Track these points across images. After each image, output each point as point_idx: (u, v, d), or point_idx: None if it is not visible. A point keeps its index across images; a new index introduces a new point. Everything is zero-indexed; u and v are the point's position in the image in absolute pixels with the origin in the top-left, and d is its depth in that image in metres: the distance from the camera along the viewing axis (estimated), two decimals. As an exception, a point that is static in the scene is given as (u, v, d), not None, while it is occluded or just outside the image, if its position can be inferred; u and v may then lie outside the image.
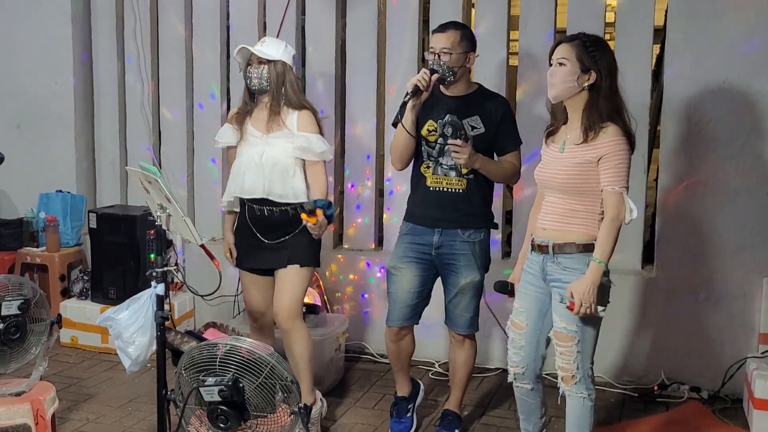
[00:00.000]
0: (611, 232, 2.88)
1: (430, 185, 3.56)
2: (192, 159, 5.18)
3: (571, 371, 2.98)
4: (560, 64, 2.92)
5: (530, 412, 3.24)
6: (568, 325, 2.94)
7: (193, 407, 2.66)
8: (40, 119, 5.34)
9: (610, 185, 2.87)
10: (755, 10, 4.00)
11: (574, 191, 2.94)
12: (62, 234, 5.16)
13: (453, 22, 3.64)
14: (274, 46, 3.64)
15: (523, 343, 3.13)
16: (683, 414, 3.98)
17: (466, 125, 3.50)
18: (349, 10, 4.79)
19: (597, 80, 2.90)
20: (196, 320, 5.05)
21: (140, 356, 3.05)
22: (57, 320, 3.50)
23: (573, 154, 2.93)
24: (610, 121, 2.90)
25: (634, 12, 4.22)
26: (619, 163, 2.87)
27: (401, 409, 3.81)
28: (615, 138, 2.88)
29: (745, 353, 4.07)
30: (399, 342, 3.71)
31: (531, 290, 3.10)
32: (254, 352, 2.60)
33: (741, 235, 4.12)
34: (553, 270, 2.99)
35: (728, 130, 4.10)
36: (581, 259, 2.92)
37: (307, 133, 3.61)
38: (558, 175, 2.97)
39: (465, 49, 3.46)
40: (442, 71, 3.42)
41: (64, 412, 3.92)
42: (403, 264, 3.60)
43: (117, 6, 5.22)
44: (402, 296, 3.63)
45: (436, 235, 3.55)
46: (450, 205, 3.52)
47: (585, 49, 2.90)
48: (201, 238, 3.04)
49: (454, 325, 3.63)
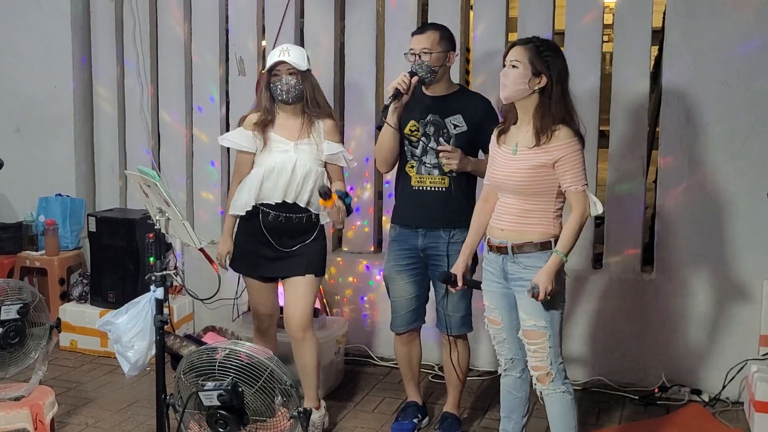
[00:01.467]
0: (576, 227, 2.97)
1: (414, 185, 3.60)
2: (191, 162, 5.17)
3: (545, 369, 3.02)
4: (513, 66, 2.98)
5: (513, 407, 3.25)
6: (537, 322, 3.00)
7: (192, 411, 2.66)
8: (39, 123, 5.33)
9: (573, 185, 2.95)
10: (753, 11, 4.00)
11: (529, 193, 3.00)
12: (61, 238, 5.16)
13: (432, 23, 3.70)
14: (300, 55, 3.60)
15: (505, 335, 3.18)
16: (684, 416, 3.97)
17: (448, 124, 3.54)
18: (347, 12, 4.79)
19: (547, 84, 2.96)
20: (195, 324, 5.04)
21: (139, 360, 3.05)
22: (56, 324, 3.50)
23: (527, 157, 2.99)
24: (562, 124, 2.96)
25: (632, 13, 4.22)
26: (576, 164, 2.95)
27: (409, 413, 3.83)
28: (568, 140, 2.95)
29: (745, 355, 4.07)
30: (408, 346, 3.76)
31: (495, 287, 3.15)
32: (253, 356, 2.60)
33: (741, 236, 4.11)
34: (514, 270, 3.04)
35: (727, 131, 4.09)
36: (540, 257, 2.99)
37: (334, 142, 3.65)
38: (512, 177, 3.02)
39: (445, 48, 3.50)
40: (422, 72, 3.45)
41: (64, 416, 3.91)
42: (395, 273, 3.67)
43: (116, 9, 5.22)
44: (401, 302, 3.70)
45: (420, 238, 3.58)
46: (433, 205, 3.55)
47: (538, 53, 2.96)
48: (200, 242, 3.04)
49: (445, 327, 3.64)
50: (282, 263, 3.65)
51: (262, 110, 3.65)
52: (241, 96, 4.98)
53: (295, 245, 3.63)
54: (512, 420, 3.27)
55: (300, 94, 3.58)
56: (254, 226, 3.65)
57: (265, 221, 3.62)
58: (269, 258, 3.66)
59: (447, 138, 3.53)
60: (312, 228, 3.64)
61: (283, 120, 3.64)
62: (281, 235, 3.63)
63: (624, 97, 4.25)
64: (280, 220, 3.60)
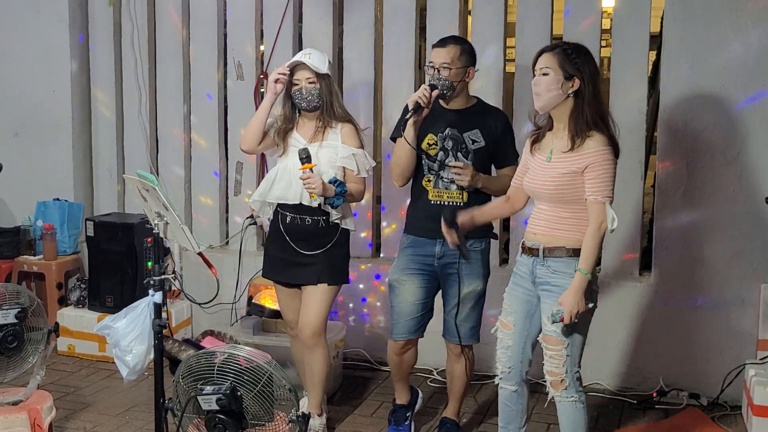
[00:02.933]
0: (594, 242, 2.92)
1: (431, 199, 3.57)
2: (189, 166, 5.17)
3: (560, 375, 3.01)
4: (544, 74, 2.96)
5: (510, 419, 3.25)
6: (558, 329, 2.98)
7: (190, 416, 2.66)
8: (37, 127, 5.33)
9: (593, 195, 2.91)
10: (751, 16, 4.01)
11: (562, 200, 2.98)
12: (59, 242, 5.15)
13: (453, 36, 3.67)
14: (321, 59, 3.59)
15: (510, 343, 3.16)
16: (682, 421, 3.97)
17: (466, 139, 3.51)
18: (346, 17, 4.80)
19: (581, 87, 2.93)
20: (193, 328, 5.03)
21: (138, 365, 3.05)
22: (54, 328, 3.50)
23: (559, 164, 2.97)
24: (596, 130, 2.93)
25: (630, 18, 4.23)
26: (602, 173, 2.90)
27: (399, 417, 3.81)
28: (600, 148, 2.92)
29: (743, 359, 4.07)
30: (403, 355, 3.71)
31: (519, 292, 3.14)
32: (252, 360, 2.59)
33: (738, 241, 4.12)
34: (542, 273, 3.03)
35: (725, 136, 4.10)
36: (570, 263, 2.96)
37: (351, 146, 3.61)
38: (546, 185, 3.00)
39: (464, 63, 3.47)
40: (442, 86, 3.42)
41: (62, 421, 3.91)
42: (405, 276, 3.60)
43: (115, 14, 5.22)
44: (406, 309, 3.62)
45: (438, 246, 3.54)
46: (452, 218, 3.50)
47: (567, 56, 2.94)
48: (198, 246, 3.04)
49: (453, 336, 3.60)
50: (299, 270, 3.64)
51: (282, 118, 3.66)
52: (240, 100, 4.99)
53: (313, 250, 3.61)
54: (509, 430, 3.27)
55: (319, 101, 3.58)
56: (276, 229, 3.68)
57: (283, 223, 3.64)
58: (289, 263, 3.66)
59: (465, 153, 3.51)
60: (331, 233, 3.62)
61: (302, 123, 3.67)
62: (299, 238, 3.62)
63: (622, 102, 4.26)
64: (296, 222, 3.61)
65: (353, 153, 3.60)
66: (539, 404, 3.27)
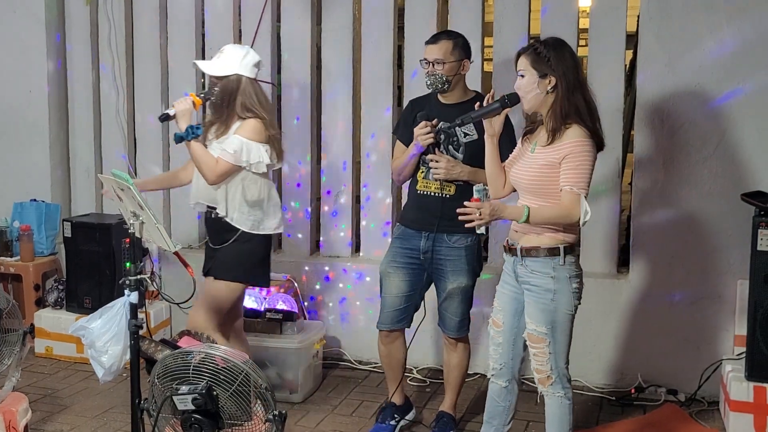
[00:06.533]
0: (556, 214, 2.91)
1: (419, 189, 3.63)
2: (168, 167, 5.14)
3: (546, 372, 3.04)
4: (521, 76, 3.00)
5: (495, 414, 3.26)
6: (538, 327, 3.00)
7: (167, 416, 2.64)
8: (14, 128, 5.28)
9: (568, 185, 2.89)
10: (726, 15, 4.04)
11: (540, 192, 2.99)
12: (37, 243, 5.11)
13: (445, 31, 3.70)
14: (227, 60, 3.58)
15: (501, 340, 3.18)
16: (660, 417, 4.00)
17: (459, 132, 3.53)
18: (324, 17, 4.79)
19: (557, 82, 2.95)
20: (172, 329, 5.01)
21: (114, 365, 3.02)
22: (30, 330, 3.46)
23: (539, 156, 2.99)
24: (574, 121, 2.94)
25: (606, 17, 4.26)
26: (579, 165, 2.89)
27: (387, 415, 3.82)
28: (578, 139, 2.92)
29: (720, 355, 4.11)
30: (390, 345, 3.75)
31: (507, 289, 3.16)
32: (229, 359, 2.58)
33: (715, 237, 4.15)
34: (522, 272, 3.05)
35: (701, 133, 4.14)
36: (547, 262, 2.98)
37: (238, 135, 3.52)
38: (526, 174, 3.03)
39: (458, 57, 3.51)
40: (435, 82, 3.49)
41: (39, 423, 3.88)
42: (391, 269, 3.67)
43: (91, 14, 5.18)
44: (390, 300, 3.69)
45: (423, 240, 3.59)
46: (436, 210, 3.55)
47: (538, 56, 2.97)
48: (174, 246, 3.02)
49: (445, 328, 3.68)
50: (206, 260, 3.74)
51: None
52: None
53: (217, 244, 3.65)
54: (493, 426, 3.27)
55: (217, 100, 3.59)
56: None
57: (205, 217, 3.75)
58: (206, 255, 3.75)
59: (456, 146, 3.54)
60: (229, 230, 3.59)
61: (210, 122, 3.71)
62: (209, 230, 3.72)
63: (599, 101, 4.24)
64: (208, 216, 3.70)
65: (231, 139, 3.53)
66: (520, 401, 3.28)
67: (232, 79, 3.57)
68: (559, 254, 2.96)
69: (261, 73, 4.80)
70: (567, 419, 3.09)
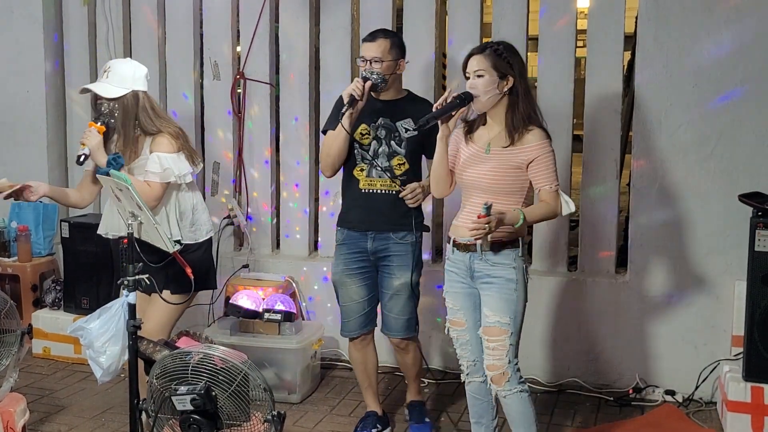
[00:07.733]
0: (546, 211, 3.07)
1: (362, 187, 3.62)
2: (166, 167, 5.13)
3: (501, 368, 3.04)
4: (479, 76, 3.02)
5: (482, 412, 3.26)
6: (501, 318, 3.03)
7: (165, 417, 2.64)
8: (11, 128, 5.28)
9: (548, 185, 3.05)
10: (724, 17, 4.05)
11: (502, 192, 3.05)
12: (34, 244, 5.10)
13: (382, 30, 3.71)
14: (118, 77, 3.43)
15: (468, 337, 3.19)
16: (658, 417, 4.00)
17: (399, 127, 3.58)
18: (322, 17, 4.79)
19: (515, 84, 3.03)
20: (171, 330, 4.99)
21: (112, 366, 3.02)
22: (27, 330, 3.46)
23: (501, 157, 3.05)
24: (533, 124, 3.05)
25: (605, 19, 4.26)
26: (549, 165, 3.05)
27: (368, 424, 3.81)
28: (541, 141, 3.04)
29: (718, 356, 4.11)
30: (363, 351, 3.76)
31: (459, 288, 3.17)
32: (227, 360, 2.58)
33: (713, 238, 4.16)
34: (481, 267, 3.07)
35: (698, 134, 4.14)
36: (508, 254, 3.05)
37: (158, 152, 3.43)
38: (486, 176, 3.06)
39: (395, 56, 3.54)
40: (375, 79, 3.48)
41: (36, 424, 3.87)
42: (347, 278, 3.67)
43: (89, 14, 5.18)
44: (353, 307, 3.70)
45: (370, 241, 3.61)
46: (383, 208, 3.57)
47: (498, 56, 3.02)
48: (173, 246, 3.02)
49: (391, 330, 3.67)
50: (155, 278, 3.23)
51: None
52: (216, 100, 4.97)
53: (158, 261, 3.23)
54: (482, 424, 3.28)
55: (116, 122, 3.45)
56: None
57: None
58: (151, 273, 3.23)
59: (399, 141, 3.58)
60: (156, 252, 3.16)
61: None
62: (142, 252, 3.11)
63: (597, 102, 4.29)
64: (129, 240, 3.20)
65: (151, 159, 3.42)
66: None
67: (129, 97, 3.45)
68: (518, 246, 3.05)
69: (261, 73, 4.88)
70: (531, 412, 3.10)
